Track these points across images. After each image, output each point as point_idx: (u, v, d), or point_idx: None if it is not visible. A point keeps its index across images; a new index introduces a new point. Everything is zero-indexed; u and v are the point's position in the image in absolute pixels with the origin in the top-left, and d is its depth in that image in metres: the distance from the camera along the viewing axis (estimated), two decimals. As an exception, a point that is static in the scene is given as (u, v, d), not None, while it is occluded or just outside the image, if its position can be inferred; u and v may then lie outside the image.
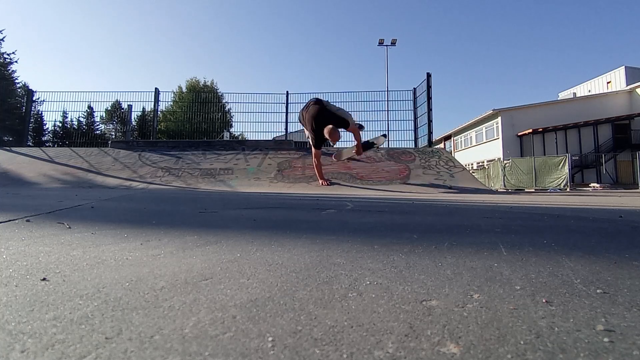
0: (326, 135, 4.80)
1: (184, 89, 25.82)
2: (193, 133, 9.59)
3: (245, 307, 0.45)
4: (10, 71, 18.76)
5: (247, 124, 9.08)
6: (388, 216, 1.63)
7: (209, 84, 29.95)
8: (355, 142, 5.32)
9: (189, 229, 1.17)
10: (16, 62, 19.06)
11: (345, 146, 6.72)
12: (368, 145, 5.73)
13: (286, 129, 8.50)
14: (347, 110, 5.81)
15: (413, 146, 8.02)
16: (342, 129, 5.01)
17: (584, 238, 1.00)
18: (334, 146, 6.49)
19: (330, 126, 4.78)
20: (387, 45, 17.25)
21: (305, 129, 5.51)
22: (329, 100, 5.65)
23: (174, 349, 0.34)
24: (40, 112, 14.06)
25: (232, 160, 6.81)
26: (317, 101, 5.22)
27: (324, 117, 4.91)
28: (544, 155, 16.88)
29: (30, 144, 10.76)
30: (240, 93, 9.19)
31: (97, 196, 2.84)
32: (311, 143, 5.31)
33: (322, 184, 5.25)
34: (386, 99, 8.65)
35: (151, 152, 7.34)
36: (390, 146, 8.11)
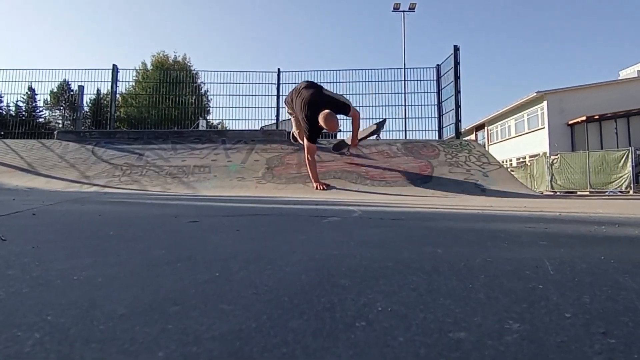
0: (321, 122, 4.80)
1: (149, 66, 25.86)
2: (160, 121, 9.60)
3: (226, 339, 0.45)
4: None
5: (228, 110, 9.15)
6: (405, 226, 1.63)
7: (180, 59, 29.99)
8: (352, 131, 5.55)
9: (155, 242, 1.17)
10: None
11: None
12: (341, 145, 6.03)
13: (277, 116, 8.52)
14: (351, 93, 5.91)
15: (437, 137, 8.04)
16: (342, 116, 5.23)
17: (651, 253, 1.00)
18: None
19: (327, 111, 4.79)
20: (404, 11, 17.29)
21: (293, 118, 5.54)
22: (330, 82, 5.71)
23: (136, 392, 0.34)
24: (-33, 95, 14.04)
25: (210, 156, 6.82)
26: (310, 83, 5.25)
27: (322, 101, 4.95)
28: (601, 148, 16.89)
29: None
30: (220, 71, 9.22)
31: (40, 201, 2.84)
32: (301, 136, 5.40)
33: (317, 187, 5.23)
34: (403, 79, 8.67)
35: (107, 146, 7.35)
36: (408, 137, 8.13)
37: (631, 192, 12.84)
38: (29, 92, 20.83)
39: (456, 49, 7.55)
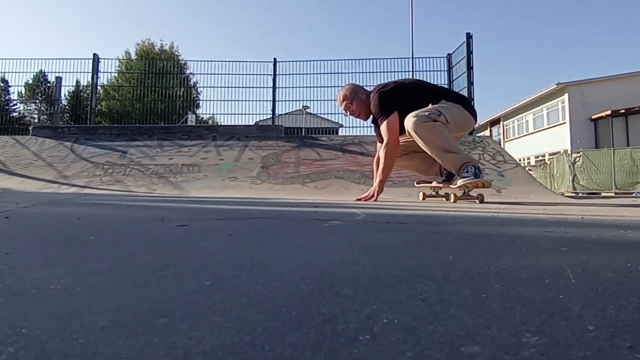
0: (340, 94, 4.03)
1: (133, 56, 25.93)
2: (145, 116, 9.62)
3: (217, 354, 0.45)
4: None
5: (219, 104, 9.13)
6: (413, 230, 1.63)
7: (167, 48, 30.07)
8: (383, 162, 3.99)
9: (140, 248, 1.17)
10: None
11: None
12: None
13: (273, 109, 8.52)
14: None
15: (448, 134, 8.03)
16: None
17: (683, 260, 1.00)
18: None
19: (352, 85, 4.13)
20: (412, -4, 17.25)
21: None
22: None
23: (119, 412, 0.34)
24: None
25: (199, 154, 6.83)
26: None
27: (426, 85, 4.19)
28: (628, 146, 16.90)
29: None
30: (211, 61, 9.22)
31: (14, 203, 2.84)
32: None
33: (366, 198, 4.07)
34: (411, 69, 8.67)
35: (88, 142, 7.35)
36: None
37: (660, 193, 12.84)
38: (1, 84, 20.83)
39: (469, 36, 7.55)
